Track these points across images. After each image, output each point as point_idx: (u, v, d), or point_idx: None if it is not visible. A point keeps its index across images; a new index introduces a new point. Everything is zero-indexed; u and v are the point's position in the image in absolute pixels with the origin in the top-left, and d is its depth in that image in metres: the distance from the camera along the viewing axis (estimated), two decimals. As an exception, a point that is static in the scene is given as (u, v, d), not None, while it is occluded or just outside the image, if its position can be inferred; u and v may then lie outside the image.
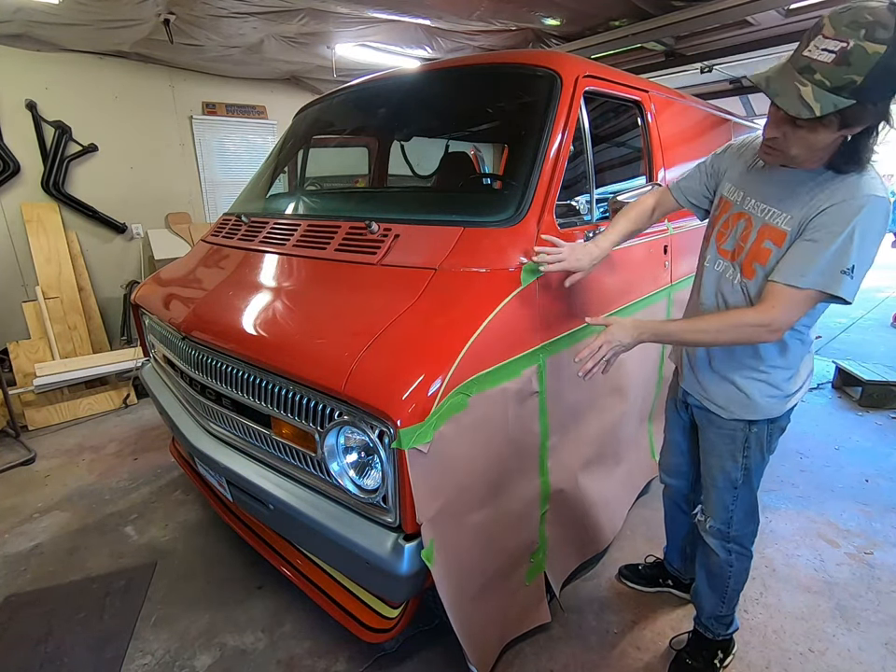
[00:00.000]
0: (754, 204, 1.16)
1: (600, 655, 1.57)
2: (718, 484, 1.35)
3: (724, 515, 1.36)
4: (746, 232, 1.16)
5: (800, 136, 0.98)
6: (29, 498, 2.46)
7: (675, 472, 1.58)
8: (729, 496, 1.34)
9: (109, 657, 1.60)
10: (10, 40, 3.41)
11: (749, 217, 1.16)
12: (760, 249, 1.12)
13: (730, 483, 1.32)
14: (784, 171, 1.11)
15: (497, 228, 1.38)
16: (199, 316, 1.60)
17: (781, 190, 1.11)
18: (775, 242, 1.09)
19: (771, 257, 1.10)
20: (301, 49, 3.86)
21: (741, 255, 1.17)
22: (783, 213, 1.09)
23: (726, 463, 1.32)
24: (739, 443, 1.28)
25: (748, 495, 1.33)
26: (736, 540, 1.37)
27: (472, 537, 1.27)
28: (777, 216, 1.10)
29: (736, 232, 1.19)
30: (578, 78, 1.57)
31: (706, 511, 1.41)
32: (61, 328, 3.59)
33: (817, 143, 0.99)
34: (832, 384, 3.58)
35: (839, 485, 2.41)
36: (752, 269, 1.14)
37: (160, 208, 4.39)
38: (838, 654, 1.56)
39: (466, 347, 1.16)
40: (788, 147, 1.02)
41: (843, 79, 0.87)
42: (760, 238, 1.12)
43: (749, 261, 1.15)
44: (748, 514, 1.36)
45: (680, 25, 3.19)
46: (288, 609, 1.75)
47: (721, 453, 1.32)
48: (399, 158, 2.48)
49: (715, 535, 1.39)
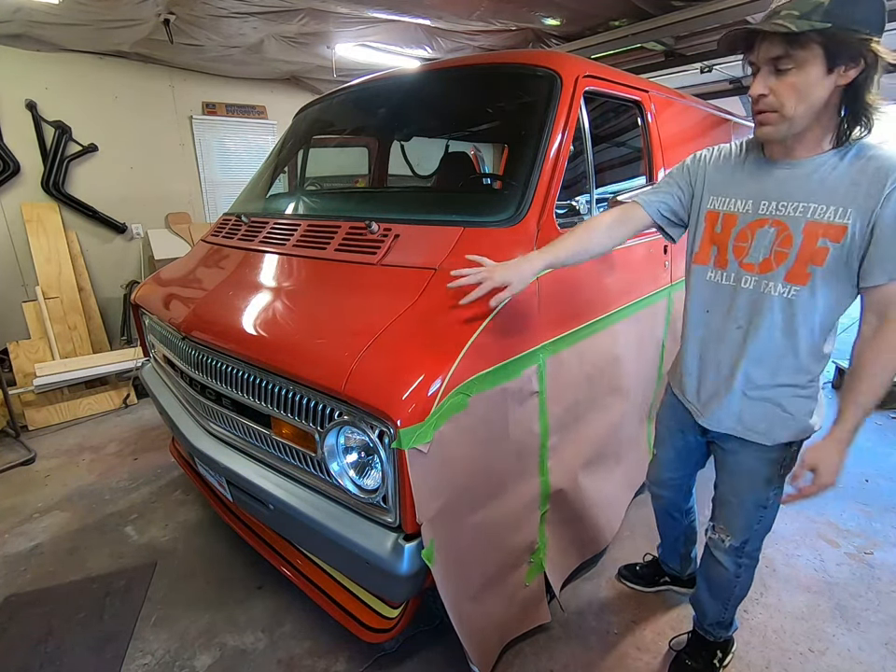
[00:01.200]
0: (780, 206, 1.06)
1: (600, 655, 1.57)
2: (747, 506, 1.27)
3: (746, 535, 1.29)
4: (784, 237, 1.05)
5: (789, 84, 0.95)
6: (29, 498, 2.46)
7: (669, 486, 1.54)
8: (755, 515, 1.27)
9: (109, 657, 1.60)
10: (10, 40, 3.41)
11: (780, 220, 1.06)
12: (815, 250, 1.02)
13: (759, 504, 1.25)
14: (789, 164, 1.06)
15: (498, 228, 1.38)
16: (199, 316, 1.60)
17: (807, 184, 1.03)
18: (832, 239, 1.00)
19: (829, 256, 1.01)
20: (300, 48, 3.86)
21: (783, 263, 1.06)
22: (829, 206, 1.00)
23: (758, 486, 1.24)
24: (777, 465, 1.21)
25: (773, 513, 1.27)
26: (749, 555, 1.33)
27: (472, 537, 1.27)
28: (823, 211, 1.01)
29: (765, 241, 1.08)
30: (578, 78, 1.57)
31: (726, 530, 1.32)
32: (61, 328, 3.59)
33: (810, 89, 0.94)
34: (832, 384, 3.58)
35: (839, 485, 2.39)
36: (806, 273, 1.03)
37: (160, 208, 4.39)
38: (838, 654, 1.56)
39: (466, 347, 1.16)
40: (781, 103, 0.97)
41: (809, 4, 0.90)
42: (810, 238, 1.02)
43: (801, 265, 1.04)
44: (766, 530, 1.30)
45: (680, 25, 3.19)
46: (288, 609, 1.75)
47: (756, 477, 1.23)
48: (399, 158, 2.48)
49: (730, 552, 1.32)
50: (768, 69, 0.97)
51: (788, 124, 0.99)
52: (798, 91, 0.95)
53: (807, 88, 0.95)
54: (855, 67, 0.93)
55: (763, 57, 0.98)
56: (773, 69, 0.97)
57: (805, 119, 0.98)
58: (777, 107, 0.98)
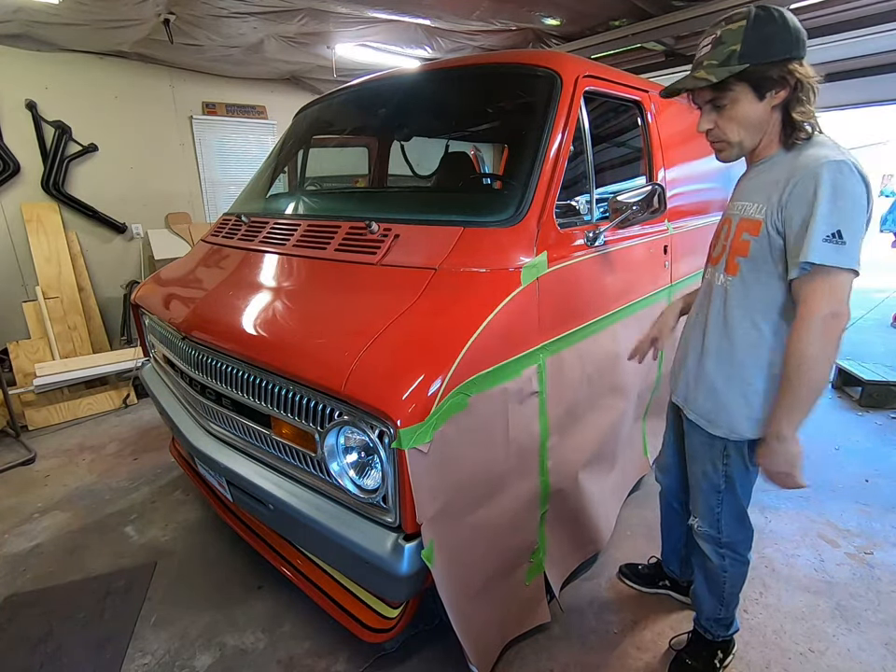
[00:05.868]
0: (732, 205, 1.22)
1: (600, 655, 1.57)
2: (702, 487, 1.35)
3: (711, 518, 1.35)
4: (727, 233, 1.20)
5: (727, 117, 1.10)
6: (29, 498, 2.46)
7: (667, 471, 1.59)
8: (713, 498, 1.33)
9: (109, 657, 1.60)
10: (10, 40, 3.41)
11: (730, 218, 1.21)
12: (740, 243, 1.15)
13: (712, 487, 1.32)
14: (754, 167, 1.18)
15: (498, 228, 1.38)
16: (199, 316, 1.60)
17: (753, 185, 1.16)
18: (751, 232, 1.12)
19: (751, 248, 1.12)
20: (300, 48, 3.86)
21: (724, 255, 1.20)
22: (753, 203, 1.13)
23: (707, 468, 1.32)
24: (718, 451, 1.27)
25: (732, 500, 1.31)
26: (729, 547, 1.36)
27: (472, 537, 1.27)
28: (749, 207, 1.14)
29: (721, 237, 1.24)
30: (578, 78, 1.57)
31: (693, 513, 1.42)
32: (61, 328, 3.59)
33: (748, 117, 1.08)
34: (832, 384, 3.58)
35: (839, 485, 2.41)
36: (735, 264, 1.16)
37: (160, 208, 4.40)
38: (838, 654, 1.56)
39: (466, 347, 1.16)
40: (725, 134, 1.12)
41: (725, 53, 1.05)
42: (738, 232, 1.16)
43: (731, 257, 1.17)
44: (736, 521, 1.34)
45: (680, 25, 3.20)
46: (288, 609, 1.75)
47: (703, 461, 1.32)
48: (399, 158, 2.48)
49: (706, 539, 1.39)
50: (709, 107, 1.12)
51: (738, 147, 1.14)
52: (737, 121, 1.10)
53: (745, 117, 1.09)
54: (783, 89, 1.05)
55: (700, 100, 1.14)
56: (712, 107, 1.12)
57: (751, 139, 1.12)
58: (723, 137, 1.13)
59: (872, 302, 5.85)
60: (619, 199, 1.49)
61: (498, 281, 1.30)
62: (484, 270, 1.31)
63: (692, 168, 2.32)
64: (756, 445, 1.19)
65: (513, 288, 1.30)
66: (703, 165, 2.37)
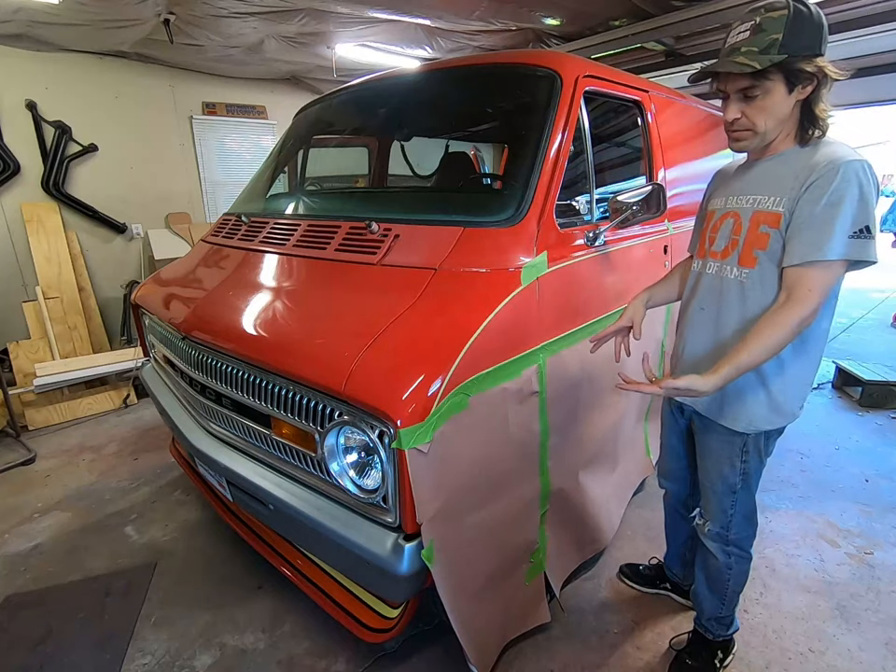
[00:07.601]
0: (738, 199, 1.21)
1: (600, 655, 1.57)
2: (716, 489, 1.34)
3: (723, 519, 1.35)
4: (736, 227, 1.19)
5: (758, 107, 1.09)
6: (29, 498, 2.46)
7: (673, 477, 1.57)
8: (728, 500, 1.33)
9: (109, 657, 1.60)
10: (10, 40, 3.41)
11: (736, 212, 1.20)
12: (757, 235, 1.14)
13: (728, 488, 1.31)
14: (760, 163, 1.18)
15: (498, 228, 1.38)
16: (199, 316, 1.60)
17: (763, 178, 1.16)
18: (770, 225, 1.11)
19: (770, 240, 1.11)
20: (300, 48, 3.86)
21: (736, 249, 1.19)
22: (770, 196, 1.12)
23: (724, 468, 1.31)
24: (738, 449, 1.27)
25: (746, 498, 1.33)
26: (736, 543, 1.37)
27: (472, 537, 1.27)
28: (765, 201, 1.13)
29: (725, 232, 1.22)
30: (578, 78, 1.57)
31: (704, 515, 1.41)
32: (61, 328, 3.59)
33: (776, 109, 1.08)
34: (832, 384, 3.58)
35: (839, 485, 2.41)
36: (753, 256, 1.15)
37: (160, 208, 4.40)
38: (838, 654, 1.56)
39: (466, 347, 1.16)
40: (753, 123, 1.11)
41: (766, 41, 1.03)
42: (754, 226, 1.15)
43: (747, 250, 1.16)
44: (746, 518, 1.35)
45: (680, 25, 3.20)
46: (288, 609, 1.75)
47: (721, 459, 1.31)
48: (399, 158, 2.48)
49: (714, 538, 1.39)
50: (737, 96, 1.11)
51: (760, 137, 1.14)
52: (767, 111, 1.09)
53: (774, 108, 1.09)
54: (811, 84, 1.06)
55: (731, 88, 1.11)
56: (742, 96, 1.10)
57: (774, 130, 1.12)
58: (749, 126, 1.12)
59: (872, 302, 5.85)
60: (619, 199, 1.49)
61: (498, 281, 1.30)
62: (484, 270, 1.31)
63: (692, 168, 2.32)
64: (771, 436, 1.26)
65: (513, 288, 1.30)
66: (703, 165, 2.37)
